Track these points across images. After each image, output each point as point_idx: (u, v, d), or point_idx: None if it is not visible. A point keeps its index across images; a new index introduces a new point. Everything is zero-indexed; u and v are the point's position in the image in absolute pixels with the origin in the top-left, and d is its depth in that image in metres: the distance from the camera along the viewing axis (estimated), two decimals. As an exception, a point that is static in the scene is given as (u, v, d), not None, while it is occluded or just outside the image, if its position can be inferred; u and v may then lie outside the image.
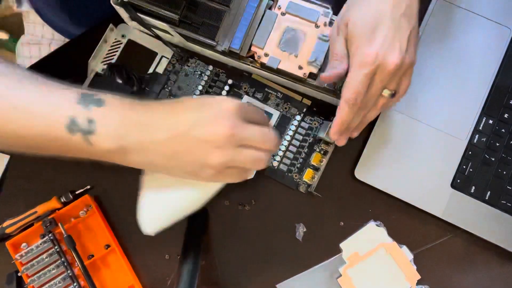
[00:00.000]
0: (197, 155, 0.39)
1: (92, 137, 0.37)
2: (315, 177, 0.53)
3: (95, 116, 0.37)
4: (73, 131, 0.37)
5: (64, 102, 0.38)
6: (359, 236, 0.52)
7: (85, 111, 0.37)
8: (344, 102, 0.44)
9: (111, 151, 0.38)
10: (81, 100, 0.38)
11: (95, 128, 0.37)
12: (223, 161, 0.39)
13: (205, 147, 0.38)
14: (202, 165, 0.39)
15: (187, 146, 0.38)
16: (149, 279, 0.52)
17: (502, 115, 0.54)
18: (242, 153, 0.40)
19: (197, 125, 0.38)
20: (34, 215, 0.51)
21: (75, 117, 0.37)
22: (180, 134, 0.38)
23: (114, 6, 0.49)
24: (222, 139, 0.38)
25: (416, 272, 0.51)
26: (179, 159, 0.39)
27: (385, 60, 0.42)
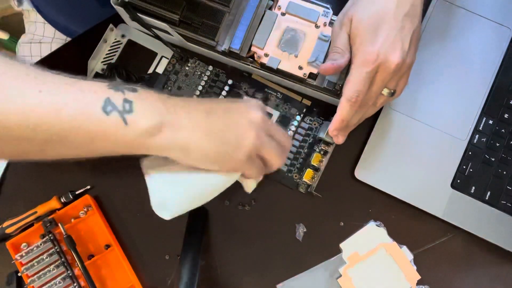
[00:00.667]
0: (235, 132, 0.39)
1: (129, 117, 0.36)
2: (315, 177, 0.53)
3: (131, 97, 0.36)
4: (108, 112, 0.35)
5: (96, 87, 0.36)
6: (359, 236, 0.52)
7: (120, 94, 0.36)
8: (345, 100, 0.44)
9: (148, 130, 0.36)
10: (114, 87, 0.37)
11: (133, 107, 0.36)
12: (259, 142, 0.40)
13: (243, 126, 0.40)
14: (237, 144, 0.39)
15: (225, 123, 0.39)
16: (149, 279, 0.52)
17: (502, 115, 0.54)
18: (271, 142, 0.42)
19: (234, 109, 0.41)
20: (34, 215, 0.51)
21: (110, 99, 0.36)
22: (218, 114, 0.40)
23: (114, 6, 0.49)
24: (259, 121, 0.40)
25: (416, 272, 0.51)
26: (216, 137, 0.39)
27: (387, 59, 0.42)
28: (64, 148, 0.37)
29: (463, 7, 0.56)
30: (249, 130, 0.40)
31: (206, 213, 0.53)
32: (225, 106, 0.41)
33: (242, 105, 0.42)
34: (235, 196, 0.54)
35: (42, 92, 0.34)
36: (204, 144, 0.39)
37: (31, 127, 0.34)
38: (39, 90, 0.34)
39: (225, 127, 0.39)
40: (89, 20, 0.57)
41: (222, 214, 0.54)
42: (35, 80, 0.34)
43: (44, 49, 0.73)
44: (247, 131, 0.40)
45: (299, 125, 0.54)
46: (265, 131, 0.41)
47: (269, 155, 0.42)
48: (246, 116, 0.40)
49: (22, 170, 0.54)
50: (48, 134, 0.35)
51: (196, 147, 0.38)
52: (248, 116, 0.40)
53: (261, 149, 0.41)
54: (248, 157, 0.40)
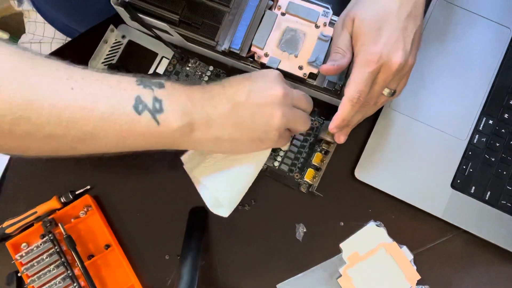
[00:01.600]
0: (261, 118, 0.40)
1: (161, 116, 0.36)
2: (317, 177, 0.53)
3: (160, 95, 0.37)
4: (140, 111, 0.36)
5: (125, 84, 0.36)
6: (359, 236, 0.52)
7: (149, 91, 0.36)
8: (347, 100, 0.44)
9: (179, 129, 0.37)
10: (141, 82, 0.37)
11: (163, 106, 0.36)
12: (284, 120, 0.41)
13: (268, 109, 0.41)
14: (267, 127, 0.41)
15: (250, 111, 0.40)
16: (149, 279, 0.52)
17: (502, 115, 0.54)
18: (297, 112, 0.43)
19: (255, 91, 0.41)
20: (34, 215, 0.51)
21: (141, 96, 0.36)
22: (242, 102, 0.40)
23: (114, 6, 0.49)
24: (281, 99, 0.41)
25: (416, 272, 0.51)
26: (245, 126, 0.40)
27: (389, 59, 0.43)
28: (95, 145, 0.37)
29: (463, 7, 0.56)
30: (274, 110, 0.41)
31: (206, 213, 0.53)
32: (246, 89, 0.41)
33: (261, 83, 0.42)
34: (235, 196, 0.54)
35: (74, 90, 0.34)
36: (236, 136, 0.40)
37: (64, 124, 0.34)
38: (71, 87, 0.34)
39: (251, 114, 0.40)
40: (89, 19, 0.57)
41: (222, 214, 0.54)
42: (65, 76, 0.34)
43: (44, 49, 0.73)
44: (273, 112, 0.41)
45: (299, 125, 0.54)
46: (289, 105, 0.42)
47: (296, 127, 0.44)
48: (268, 96, 0.41)
49: (22, 170, 0.54)
50: (81, 132, 0.35)
51: (229, 139, 0.40)
52: (270, 96, 0.41)
53: (288, 124, 0.43)
54: (278, 135, 0.42)
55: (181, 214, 0.53)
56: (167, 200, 0.53)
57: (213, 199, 0.47)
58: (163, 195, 0.54)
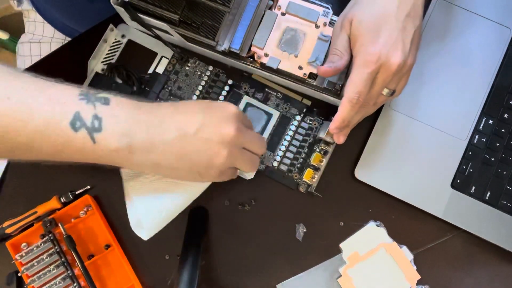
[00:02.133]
0: (206, 155, 0.39)
1: (98, 135, 0.35)
2: (315, 177, 0.53)
3: (101, 113, 0.36)
4: (77, 128, 0.35)
5: (66, 98, 0.35)
6: (359, 236, 0.52)
7: (91, 108, 0.35)
8: (347, 100, 0.44)
9: (117, 150, 0.36)
10: (85, 97, 0.36)
11: (102, 125, 0.35)
12: (229, 161, 0.40)
13: (215, 147, 0.39)
14: (209, 165, 0.40)
15: (196, 146, 0.39)
16: (149, 279, 0.52)
17: (502, 115, 0.54)
18: (245, 154, 0.42)
19: (206, 126, 0.39)
20: (34, 215, 0.51)
21: (79, 113, 0.35)
22: (190, 134, 0.39)
23: (114, 6, 0.49)
24: (230, 140, 0.40)
25: (416, 272, 0.51)
26: (187, 159, 0.39)
27: (388, 60, 0.42)
28: (33, 155, 0.36)
29: (463, 7, 0.56)
30: (221, 150, 0.40)
31: (206, 213, 0.53)
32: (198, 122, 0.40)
33: (215, 118, 0.40)
34: (235, 196, 0.54)
35: (10, 99, 0.33)
36: (176, 166, 0.39)
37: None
38: (7, 97, 0.33)
39: (196, 149, 0.39)
40: (88, 19, 0.57)
41: (222, 214, 0.54)
42: (4, 85, 0.34)
43: (44, 49, 0.73)
44: (219, 151, 0.40)
45: (299, 125, 0.54)
46: (238, 145, 0.41)
47: (242, 166, 0.43)
48: (219, 134, 0.40)
49: (22, 170, 0.54)
50: (15, 142, 0.34)
51: (168, 167, 0.39)
52: (221, 132, 0.40)
53: (233, 164, 0.42)
54: (219, 173, 0.41)
55: (181, 214, 0.52)
56: (167, 200, 0.53)
57: (136, 219, 0.46)
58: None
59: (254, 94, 0.55)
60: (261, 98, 0.55)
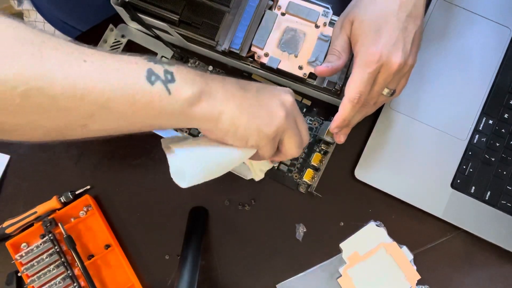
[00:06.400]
0: (268, 110, 0.40)
1: (172, 86, 0.37)
2: (315, 177, 0.53)
3: (171, 69, 0.37)
4: (153, 81, 0.36)
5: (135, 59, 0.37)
6: (359, 236, 0.52)
7: (160, 66, 0.37)
8: (347, 100, 0.44)
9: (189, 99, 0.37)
10: (152, 60, 0.37)
11: (174, 77, 0.37)
12: (286, 124, 0.41)
13: (276, 106, 0.41)
14: (268, 121, 0.40)
15: (259, 101, 0.40)
16: (149, 279, 0.52)
17: (502, 115, 0.54)
18: (296, 129, 0.42)
19: (268, 91, 0.42)
20: (34, 215, 0.51)
21: (152, 69, 0.36)
22: (253, 92, 0.41)
23: (114, 6, 0.49)
24: (289, 105, 0.41)
25: (416, 272, 0.51)
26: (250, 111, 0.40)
27: (389, 60, 0.43)
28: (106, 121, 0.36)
29: (463, 7, 0.56)
30: (280, 110, 0.41)
31: (206, 213, 0.53)
32: (259, 86, 0.42)
33: (274, 88, 0.43)
34: (235, 196, 0.54)
35: (87, 62, 0.34)
36: (236, 115, 0.39)
37: (78, 96, 0.33)
38: (83, 60, 0.34)
39: (257, 103, 0.40)
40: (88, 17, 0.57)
41: (222, 214, 0.54)
42: (78, 51, 0.34)
43: (44, 49, 0.73)
44: (278, 110, 0.40)
45: (299, 125, 0.54)
46: (293, 116, 0.42)
47: (290, 142, 0.43)
48: (279, 97, 0.41)
49: (22, 170, 0.54)
50: (95, 104, 0.34)
51: (229, 117, 0.39)
52: (280, 97, 0.41)
53: (286, 132, 0.42)
54: (274, 135, 0.41)
55: (181, 214, 0.53)
56: (167, 200, 0.53)
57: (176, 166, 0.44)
58: (163, 195, 0.54)
59: (254, 94, 0.55)
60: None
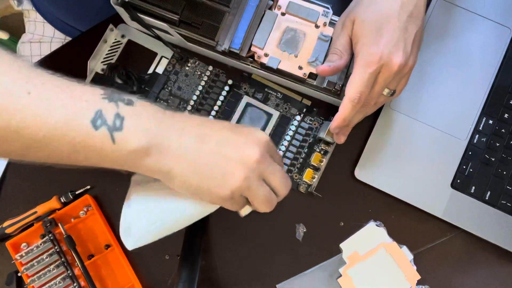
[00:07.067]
0: (221, 171, 0.37)
1: (118, 135, 0.34)
2: (315, 177, 0.53)
3: (124, 113, 0.35)
4: (98, 126, 0.34)
5: (88, 96, 0.34)
6: (359, 236, 0.52)
7: (113, 107, 0.35)
8: (348, 100, 0.44)
9: (134, 151, 0.35)
10: (108, 96, 0.35)
11: (123, 124, 0.34)
12: (244, 185, 0.38)
13: (231, 166, 0.37)
14: (222, 184, 0.37)
15: (215, 159, 0.37)
16: (149, 279, 0.52)
17: (502, 115, 0.54)
18: (261, 186, 0.39)
19: (230, 144, 0.38)
20: (34, 215, 0.51)
21: (101, 111, 0.34)
22: (210, 145, 0.37)
23: (114, 6, 0.49)
24: (251, 163, 0.37)
25: (416, 272, 0.51)
26: (200, 171, 0.37)
27: (390, 60, 0.42)
28: (45, 155, 0.35)
29: (463, 7, 0.56)
30: (238, 169, 0.37)
31: (206, 213, 0.53)
32: (222, 136, 0.38)
33: (241, 138, 0.39)
34: (235, 196, 0.54)
35: (30, 94, 0.32)
36: (187, 175, 0.37)
37: (13, 129, 0.32)
38: (28, 92, 0.32)
39: (213, 160, 0.37)
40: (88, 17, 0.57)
41: (222, 214, 0.53)
42: (26, 79, 0.33)
43: (44, 49, 0.73)
44: (236, 170, 0.37)
45: (299, 125, 0.54)
46: (258, 174, 0.38)
47: (255, 200, 0.40)
48: (240, 154, 0.37)
49: (22, 170, 0.54)
50: (31, 139, 0.33)
51: (179, 176, 0.37)
52: (242, 153, 0.38)
53: (247, 192, 0.39)
54: (230, 197, 0.38)
55: (181, 214, 0.53)
56: (167, 200, 0.53)
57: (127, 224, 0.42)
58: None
59: (254, 94, 0.55)
60: (261, 98, 0.55)
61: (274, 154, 0.41)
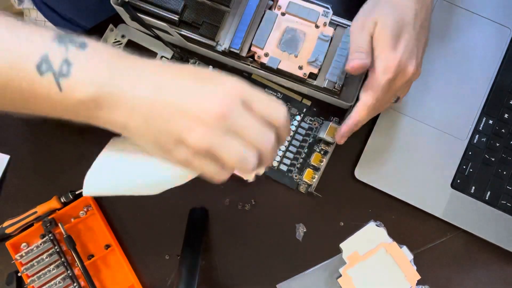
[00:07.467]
0: (178, 126, 0.32)
1: (64, 82, 0.31)
2: (315, 177, 0.53)
3: (73, 58, 0.31)
4: (43, 71, 0.31)
5: (37, 37, 0.31)
6: (359, 236, 0.52)
7: (62, 51, 0.31)
8: (364, 105, 0.45)
9: (83, 101, 0.31)
10: (58, 39, 0.32)
11: (71, 71, 0.31)
12: (203, 143, 0.32)
13: (189, 120, 0.32)
14: (179, 140, 0.32)
15: (170, 112, 0.32)
16: (149, 279, 0.52)
17: (502, 115, 0.54)
18: (227, 143, 0.32)
19: (190, 95, 0.32)
20: (34, 215, 0.51)
21: (48, 56, 0.31)
22: (167, 97, 0.32)
23: (114, 6, 0.49)
24: (211, 117, 0.32)
25: (416, 272, 0.51)
26: (156, 125, 0.32)
27: (406, 67, 0.43)
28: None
29: (463, 7, 0.56)
30: (196, 126, 0.32)
31: (206, 213, 0.53)
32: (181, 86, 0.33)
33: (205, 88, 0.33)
34: (235, 196, 0.54)
35: None
36: (142, 131, 0.33)
37: None
38: None
39: (167, 116, 0.32)
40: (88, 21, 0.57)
41: (222, 214, 0.54)
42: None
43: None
44: (193, 126, 0.32)
45: (299, 125, 0.54)
46: (227, 127, 0.32)
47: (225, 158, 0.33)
48: (200, 108, 0.32)
49: (22, 170, 0.54)
50: None
51: (134, 130, 0.33)
52: (203, 107, 0.32)
53: (212, 150, 0.32)
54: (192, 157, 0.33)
55: (181, 214, 0.53)
56: (167, 200, 0.53)
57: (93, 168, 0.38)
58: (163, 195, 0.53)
59: (254, 94, 0.55)
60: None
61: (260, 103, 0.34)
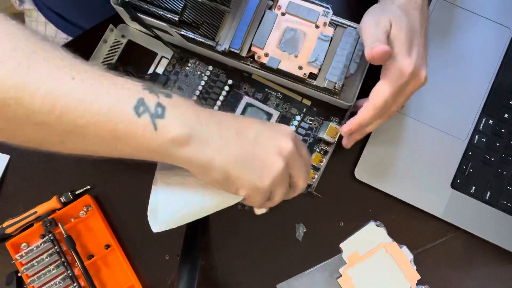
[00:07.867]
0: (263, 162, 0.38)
1: (160, 121, 0.34)
2: (315, 177, 0.53)
3: (165, 103, 0.35)
4: (140, 113, 0.34)
5: (130, 85, 0.35)
6: (359, 236, 0.52)
7: (154, 97, 0.35)
8: (372, 106, 0.45)
9: (175, 139, 0.35)
10: (148, 88, 0.35)
11: (165, 113, 0.35)
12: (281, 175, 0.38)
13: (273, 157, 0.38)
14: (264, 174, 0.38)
15: (256, 151, 0.38)
16: (149, 279, 0.52)
17: (502, 115, 0.54)
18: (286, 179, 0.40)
19: (266, 136, 0.38)
20: (34, 215, 0.51)
21: (144, 99, 0.34)
22: (251, 138, 0.38)
23: (114, 6, 0.49)
24: (288, 153, 0.38)
25: (416, 272, 0.51)
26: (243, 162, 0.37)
27: (419, 73, 0.44)
28: (84, 142, 0.35)
29: (463, 7, 0.56)
30: (277, 160, 0.38)
31: (206, 213, 0.53)
32: (258, 129, 0.39)
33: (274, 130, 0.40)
34: (235, 196, 0.54)
35: (75, 80, 0.32)
36: (228, 166, 0.37)
37: (57, 114, 0.32)
38: (72, 77, 0.32)
39: (252, 152, 0.38)
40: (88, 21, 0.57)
41: (222, 214, 0.53)
42: (69, 67, 0.33)
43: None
44: (275, 161, 0.38)
45: (299, 125, 0.54)
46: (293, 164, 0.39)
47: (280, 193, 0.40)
48: (277, 144, 0.38)
49: (22, 170, 0.54)
50: (73, 125, 0.33)
51: (220, 167, 0.37)
52: (279, 144, 0.38)
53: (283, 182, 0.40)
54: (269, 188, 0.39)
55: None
56: (167, 200, 0.53)
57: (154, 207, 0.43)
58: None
59: (254, 94, 0.55)
60: (261, 98, 0.55)
61: (301, 147, 0.42)
